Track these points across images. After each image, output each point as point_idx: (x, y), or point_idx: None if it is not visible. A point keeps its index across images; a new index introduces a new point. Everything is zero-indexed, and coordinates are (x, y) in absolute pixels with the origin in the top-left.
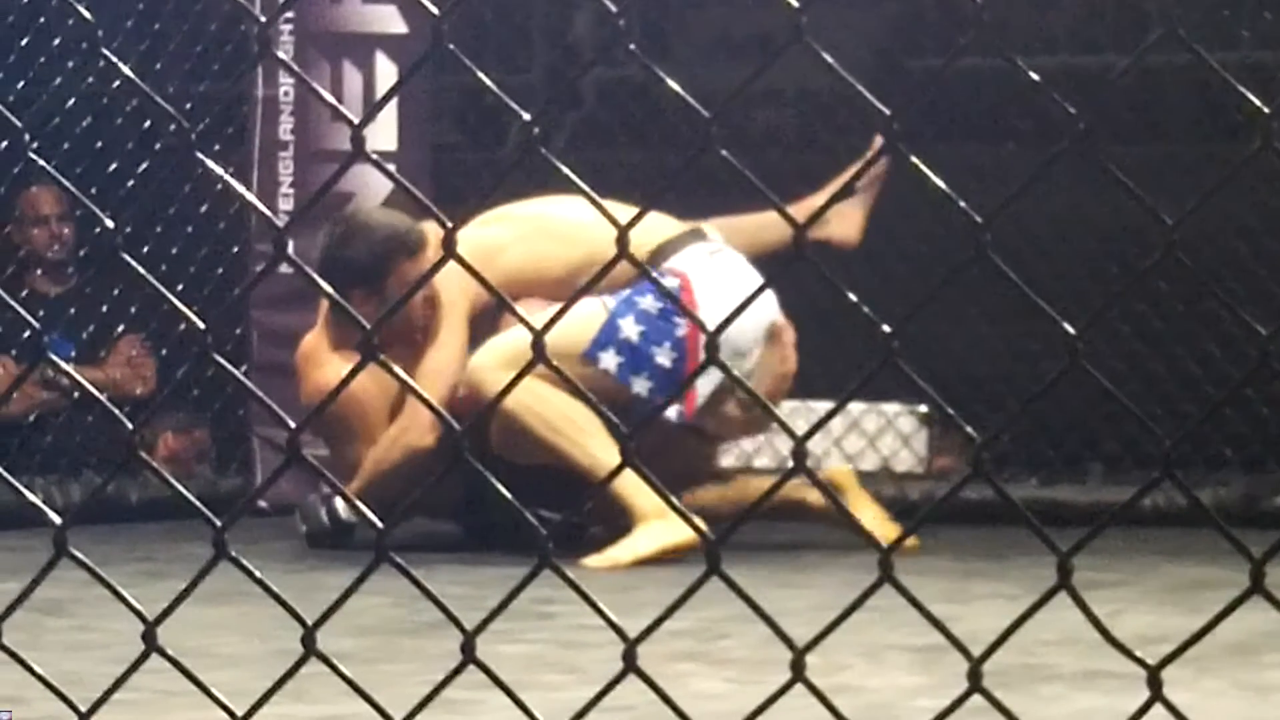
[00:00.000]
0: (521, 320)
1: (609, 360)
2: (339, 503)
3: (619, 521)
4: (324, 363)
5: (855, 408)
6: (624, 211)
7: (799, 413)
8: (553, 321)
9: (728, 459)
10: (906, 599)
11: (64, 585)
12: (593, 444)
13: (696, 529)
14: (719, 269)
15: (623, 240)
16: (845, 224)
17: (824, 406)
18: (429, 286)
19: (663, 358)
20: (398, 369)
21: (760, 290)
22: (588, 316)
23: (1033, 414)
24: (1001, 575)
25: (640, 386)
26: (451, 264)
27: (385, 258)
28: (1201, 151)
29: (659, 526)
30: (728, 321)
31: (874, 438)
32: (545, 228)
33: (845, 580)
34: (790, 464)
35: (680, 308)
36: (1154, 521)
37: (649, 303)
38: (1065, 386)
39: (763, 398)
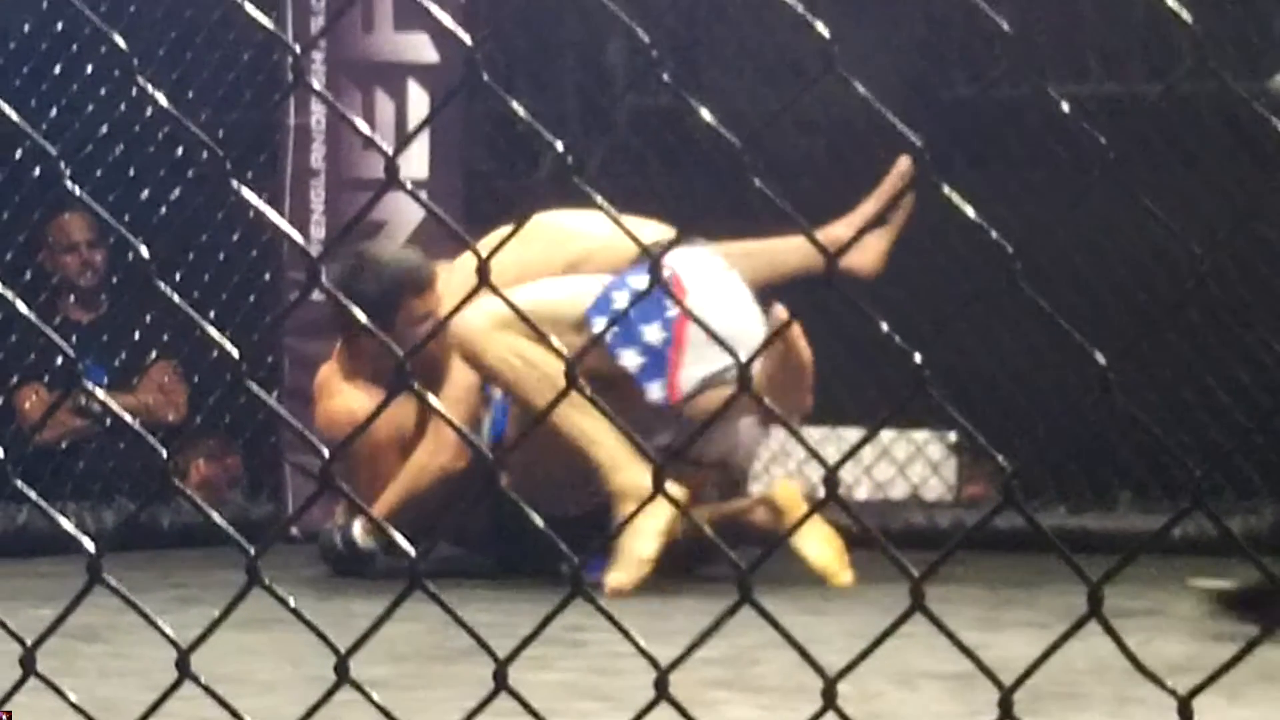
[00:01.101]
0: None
1: (602, 326)
2: (356, 531)
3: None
4: (335, 393)
5: (885, 435)
6: (634, 222)
7: (829, 440)
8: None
9: (758, 487)
10: (937, 627)
11: (98, 611)
12: (585, 418)
13: (691, 517)
14: (709, 270)
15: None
16: (866, 254)
17: (854, 434)
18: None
19: (652, 336)
20: (429, 396)
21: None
22: (584, 290)
23: (1062, 442)
24: (1032, 603)
25: (629, 361)
26: (460, 296)
27: (394, 294)
28: (1233, 179)
29: (645, 524)
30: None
31: (904, 465)
32: (536, 234)
33: (878, 608)
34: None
35: (668, 293)
36: (1185, 550)
37: (641, 281)
38: (1095, 415)
39: (771, 402)
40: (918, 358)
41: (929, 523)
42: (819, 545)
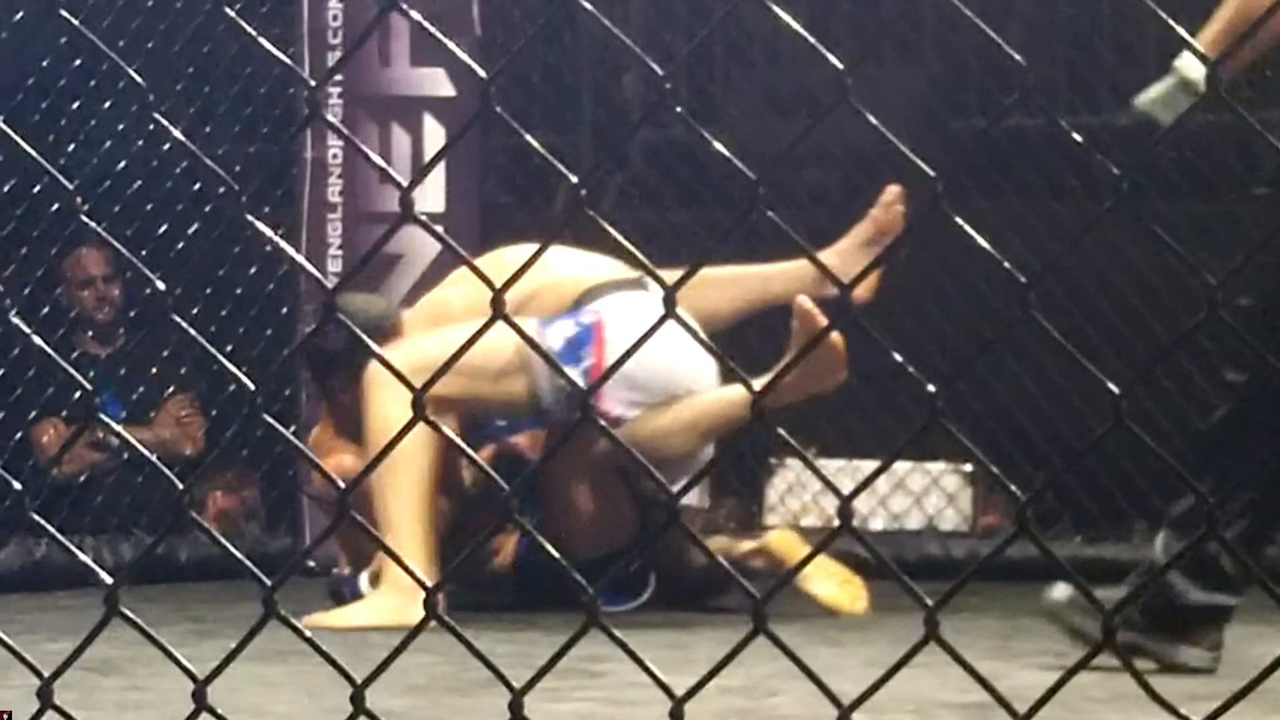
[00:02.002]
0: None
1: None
2: (362, 582)
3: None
4: (328, 452)
5: (900, 466)
6: (591, 259)
7: (845, 472)
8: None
9: (774, 518)
10: (952, 657)
11: (116, 644)
12: (397, 497)
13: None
14: (642, 316)
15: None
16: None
17: (870, 466)
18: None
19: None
20: (445, 427)
21: (649, 336)
22: (508, 336)
23: (1077, 471)
24: (1048, 632)
25: (579, 379)
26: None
27: (359, 343)
28: (1247, 209)
29: (392, 601)
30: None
31: (919, 496)
32: (492, 270)
33: (893, 637)
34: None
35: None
36: None
37: (565, 328)
38: (1110, 444)
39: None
40: (931, 388)
41: (944, 553)
42: (826, 583)
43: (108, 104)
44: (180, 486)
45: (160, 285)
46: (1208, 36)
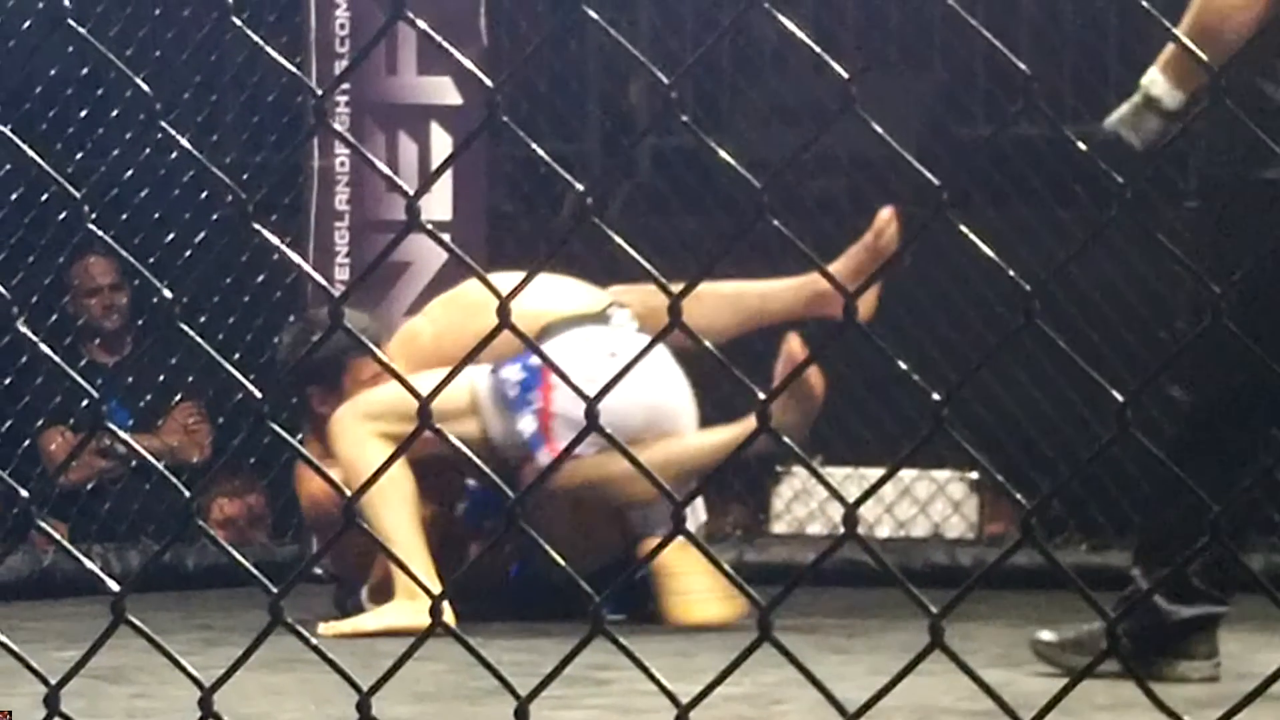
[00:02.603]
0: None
1: (494, 405)
2: (363, 597)
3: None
4: (311, 475)
5: (906, 474)
6: (568, 284)
7: (851, 480)
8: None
9: (780, 526)
10: (956, 664)
11: (124, 652)
12: (390, 516)
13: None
14: (597, 352)
15: (504, 312)
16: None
17: (876, 473)
18: (383, 380)
19: (524, 425)
20: (456, 441)
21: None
22: (461, 380)
23: (1084, 479)
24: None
25: (526, 425)
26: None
27: (338, 356)
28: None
29: (405, 607)
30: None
31: (925, 504)
32: (459, 302)
33: (900, 645)
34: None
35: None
36: None
37: (513, 372)
38: (1115, 452)
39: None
40: (936, 396)
41: (951, 561)
42: (702, 604)
43: (115, 112)
44: (187, 494)
45: (167, 293)
46: (1171, 52)
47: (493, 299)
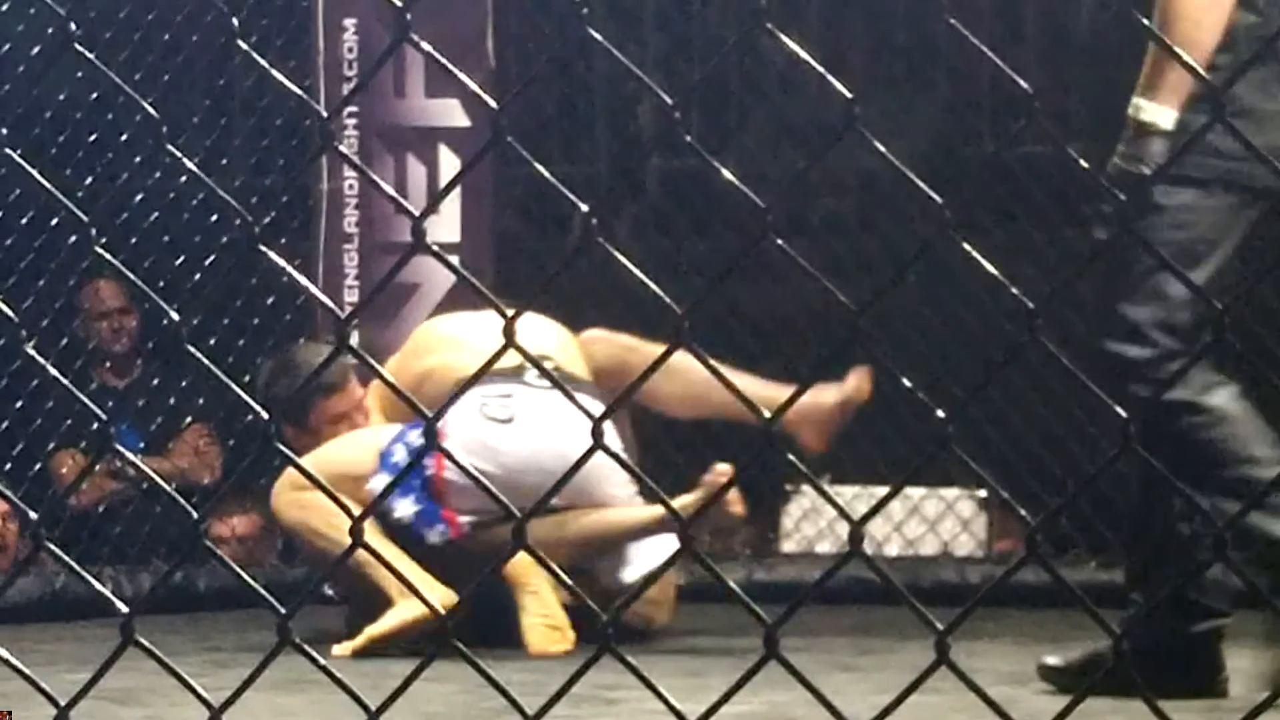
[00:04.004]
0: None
1: (380, 484)
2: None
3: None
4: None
5: (915, 492)
6: (529, 320)
7: (860, 498)
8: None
9: (789, 545)
10: (963, 681)
11: (135, 674)
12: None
13: (443, 606)
14: (493, 416)
15: (509, 333)
16: (813, 432)
17: (884, 492)
18: (357, 419)
19: (402, 511)
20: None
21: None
22: (370, 446)
23: (1091, 497)
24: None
25: (404, 510)
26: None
27: (306, 396)
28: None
29: (404, 605)
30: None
31: (934, 522)
32: (407, 347)
33: (909, 664)
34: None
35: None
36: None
37: (413, 437)
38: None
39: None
40: (941, 414)
41: (960, 579)
42: (532, 627)
43: (124, 136)
44: (195, 516)
45: (175, 316)
46: (1149, 72)
47: (443, 340)
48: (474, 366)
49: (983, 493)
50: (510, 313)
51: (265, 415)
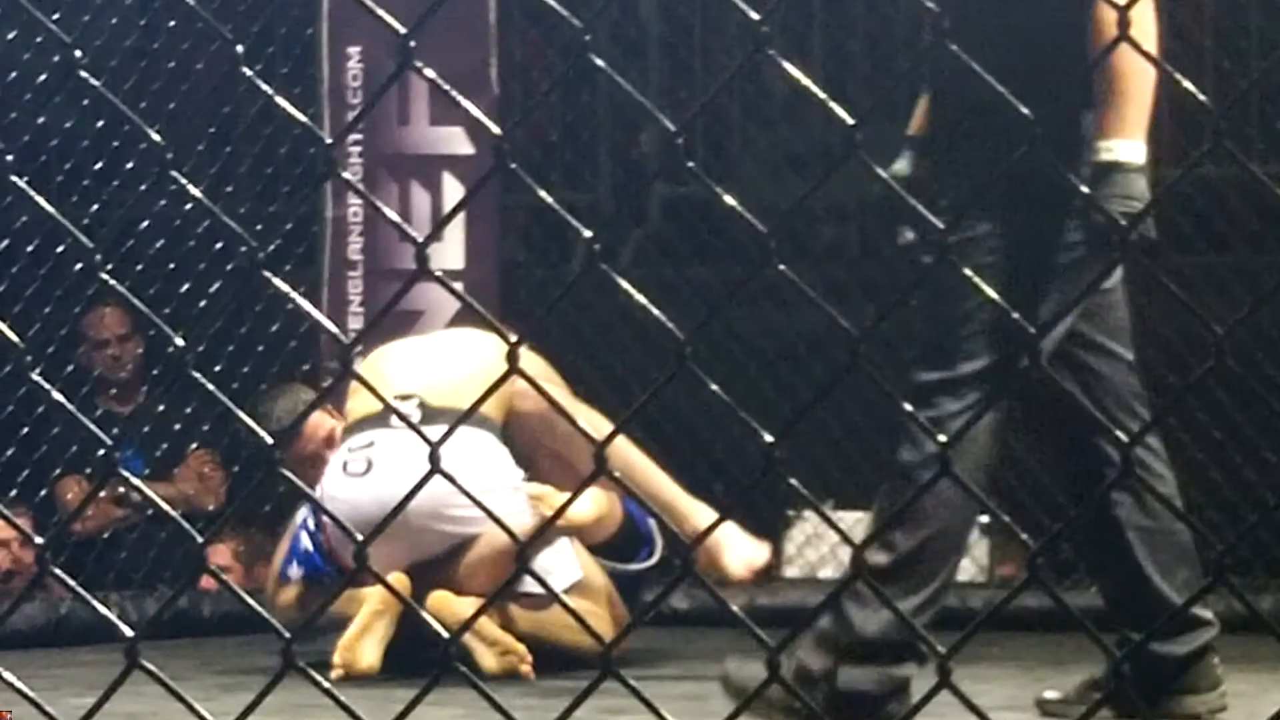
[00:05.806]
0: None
1: (295, 574)
2: None
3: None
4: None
5: None
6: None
7: (862, 524)
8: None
9: (792, 570)
10: (964, 703)
11: (141, 699)
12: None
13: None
14: (356, 462)
15: (513, 357)
16: (742, 568)
17: None
18: (326, 455)
19: (306, 543)
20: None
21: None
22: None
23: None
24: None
25: (294, 573)
26: None
27: (279, 443)
28: (1262, 263)
29: (370, 595)
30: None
31: None
32: (369, 371)
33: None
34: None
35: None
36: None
37: (306, 511)
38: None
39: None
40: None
41: (962, 604)
42: (486, 656)
43: (129, 164)
44: (199, 540)
45: (180, 342)
46: (1105, 113)
47: (372, 375)
48: (361, 409)
49: (984, 518)
50: (514, 337)
51: (269, 441)
